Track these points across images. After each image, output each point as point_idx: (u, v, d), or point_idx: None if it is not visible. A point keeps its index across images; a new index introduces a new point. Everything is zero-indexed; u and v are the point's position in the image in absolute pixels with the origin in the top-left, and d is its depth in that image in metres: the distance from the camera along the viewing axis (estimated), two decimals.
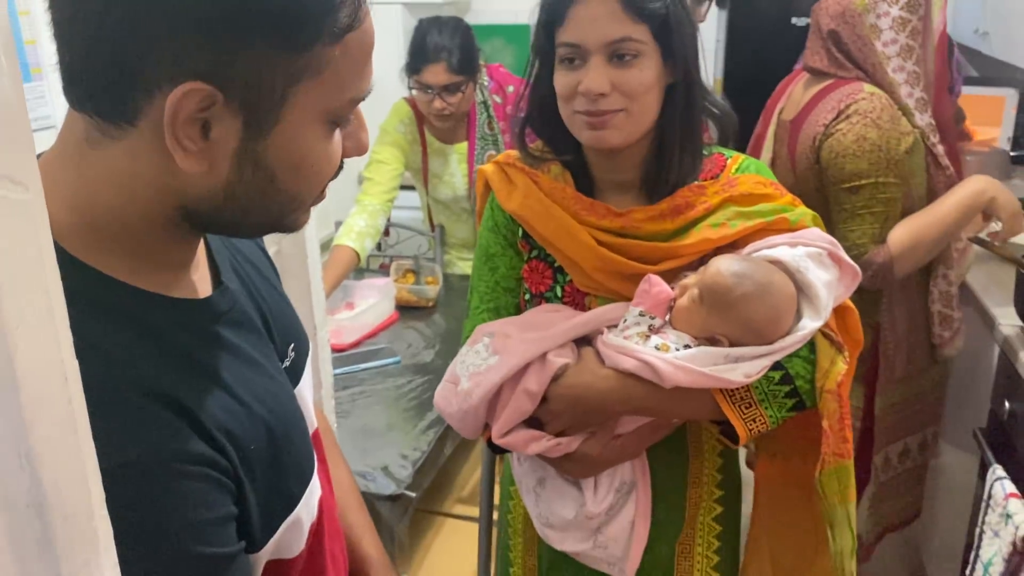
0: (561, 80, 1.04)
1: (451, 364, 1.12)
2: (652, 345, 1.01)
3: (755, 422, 1.00)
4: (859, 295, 1.57)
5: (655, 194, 1.10)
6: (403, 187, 3.09)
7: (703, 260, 1.07)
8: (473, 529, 1.61)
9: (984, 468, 1.58)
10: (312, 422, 0.79)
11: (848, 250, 1.44)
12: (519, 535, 1.29)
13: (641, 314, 1.03)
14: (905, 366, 1.75)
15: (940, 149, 1.60)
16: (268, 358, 0.69)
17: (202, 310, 0.63)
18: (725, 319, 0.99)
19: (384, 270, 2.54)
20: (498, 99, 2.35)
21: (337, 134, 0.61)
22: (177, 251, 0.62)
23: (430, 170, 2.38)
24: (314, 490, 0.71)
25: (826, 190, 1.54)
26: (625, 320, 1.04)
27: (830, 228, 1.50)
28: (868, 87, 1.52)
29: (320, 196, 0.63)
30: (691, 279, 1.03)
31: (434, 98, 2.15)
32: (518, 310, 1.18)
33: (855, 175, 1.48)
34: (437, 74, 2.13)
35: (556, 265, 1.14)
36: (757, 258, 1.02)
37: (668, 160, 1.08)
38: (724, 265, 1.00)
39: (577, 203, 1.10)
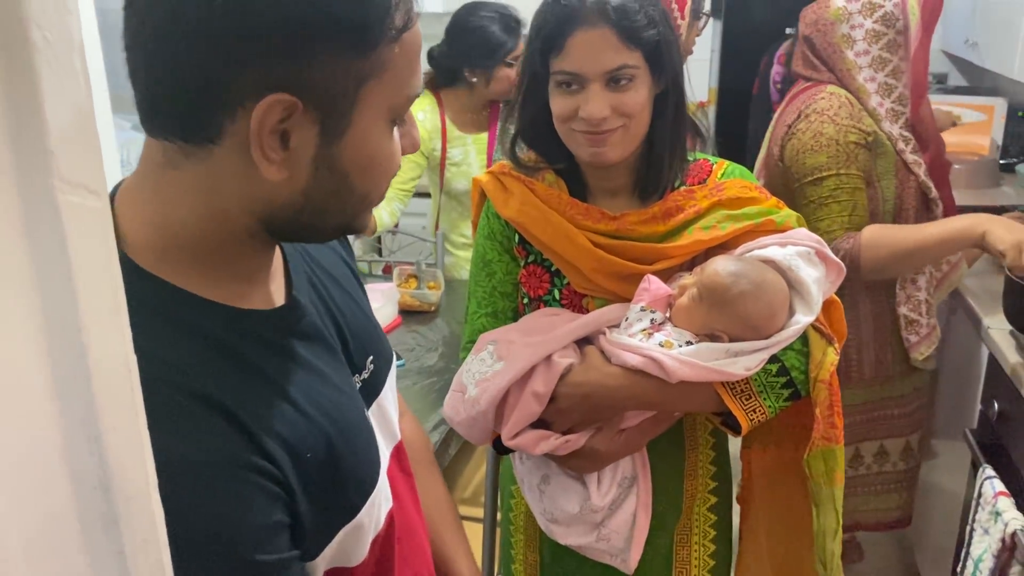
0: (560, 103, 1.08)
1: (457, 374, 1.16)
2: (656, 342, 1.06)
3: (755, 412, 1.05)
4: None
5: (646, 198, 1.16)
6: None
7: (695, 261, 1.14)
8: (477, 529, 1.65)
9: (974, 468, 1.63)
10: (394, 435, 0.80)
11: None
12: (520, 532, 1.33)
13: (643, 309, 1.08)
14: (874, 367, 1.76)
15: (911, 158, 1.64)
16: (337, 371, 0.70)
17: (271, 321, 0.65)
18: (724, 316, 1.04)
19: (387, 275, 2.57)
20: None
21: (395, 132, 0.64)
22: (251, 263, 0.65)
23: (448, 159, 2.43)
24: (380, 501, 0.72)
25: (791, 188, 1.60)
26: (627, 318, 1.09)
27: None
28: (831, 88, 1.60)
29: (380, 198, 0.66)
30: (689, 279, 1.09)
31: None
32: (516, 314, 1.23)
33: (816, 168, 1.54)
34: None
35: (553, 269, 1.18)
36: (751, 258, 1.08)
37: (659, 165, 1.14)
38: (721, 265, 1.06)
39: (572, 208, 1.15)
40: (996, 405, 1.66)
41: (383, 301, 2.02)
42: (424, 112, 2.37)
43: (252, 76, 0.55)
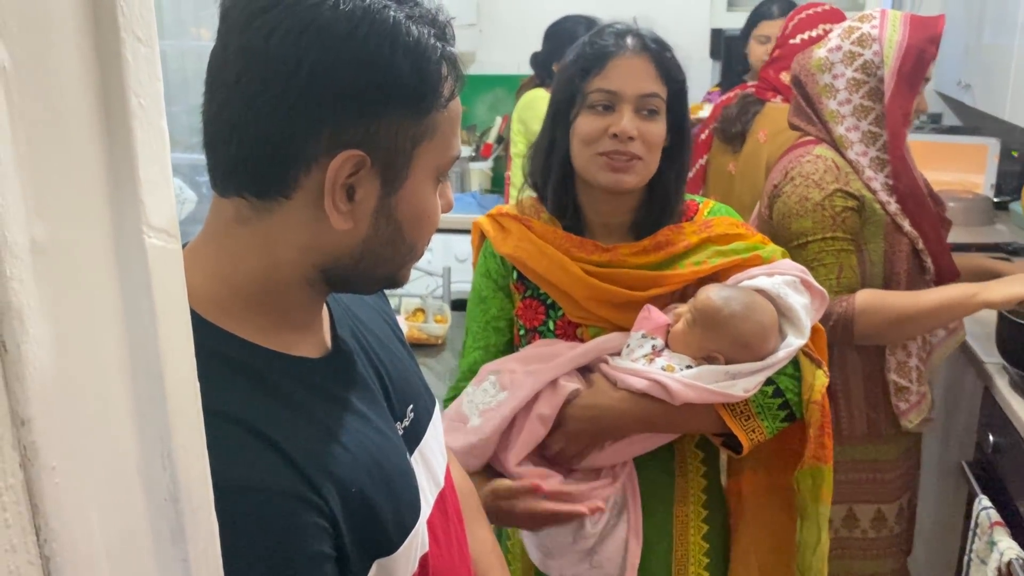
0: (590, 123, 1.14)
1: (454, 405, 1.20)
2: (659, 366, 1.12)
3: (754, 432, 1.12)
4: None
5: (642, 235, 1.22)
6: None
7: (686, 291, 1.20)
8: None
9: (971, 499, 1.66)
10: (438, 482, 0.83)
11: None
12: (517, 561, 1.35)
13: (644, 336, 1.15)
14: (866, 426, 1.70)
15: (895, 208, 1.59)
16: (381, 416, 0.75)
17: (319, 367, 0.71)
18: (718, 337, 1.11)
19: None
20: None
21: (438, 191, 0.71)
22: (303, 313, 0.71)
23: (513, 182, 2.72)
24: (417, 544, 0.75)
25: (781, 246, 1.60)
26: (628, 345, 1.16)
27: None
28: (817, 149, 1.58)
29: (422, 252, 0.73)
30: (683, 308, 1.15)
31: None
32: (509, 348, 1.28)
33: (800, 233, 1.54)
34: None
35: (548, 301, 1.24)
36: (741, 286, 1.15)
37: (663, 208, 1.21)
38: (712, 292, 1.13)
39: (568, 241, 1.21)
40: (991, 437, 1.70)
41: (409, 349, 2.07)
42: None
43: (328, 134, 0.62)
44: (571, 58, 1.18)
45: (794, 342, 1.13)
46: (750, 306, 1.12)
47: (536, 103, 2.83)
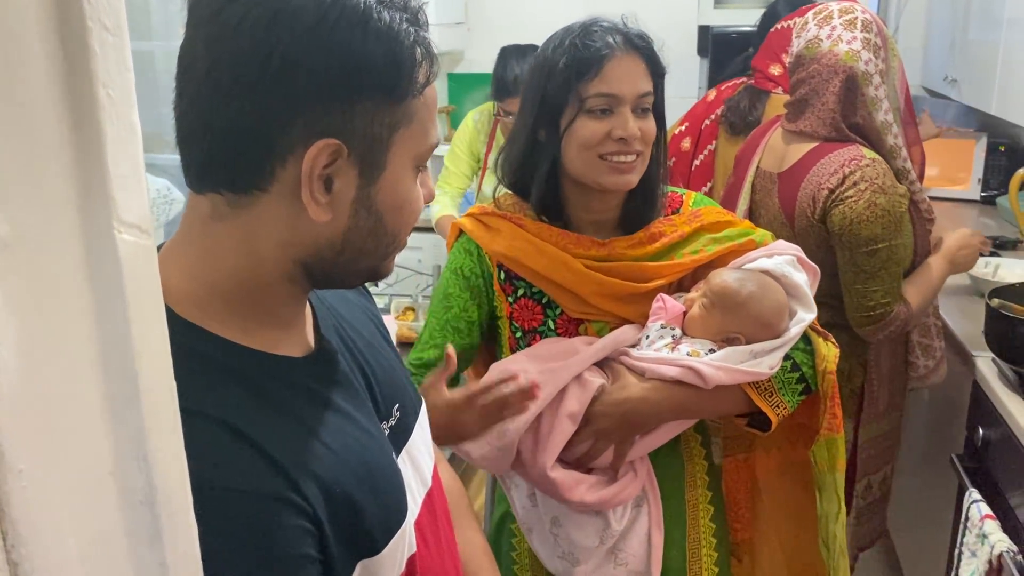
0: (591, 128, 1.13)
1: None
2: (683, 353, 1.13)
3: (779, 407, 1.14)
4: (852, 334, 1.65)
5: (630, 229, 1.22)
6: None
7: (683, 281, 1.22)
8: None
9: (961, 492, 1.66)
10: (425, 482, 0.82)
11: (873, 308, 1.56)
12: (527, 570, 1.34)
13: (663, 327, 1.15)
14: (888, 400, 1.83)
15: (922, 196, 1.69)
16: (366, 416, 0.74)
17: (301, 367, 0.69)
18: (738, 317, 1.13)
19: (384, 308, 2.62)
20: None
21: (418, 180, 0.70)
22: (285, 311, 0.69)
23: (489, 164, 2.68)
24: (403, 545, 0.74)
25: (837, 251, 1.61)
26: (647, 336, 1.16)
27: (841, 286, 1.60)
28: (868, 152, 1.58)
29: (404, 243, 0.71)
30: (695, 294, 1.17)
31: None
32: (470, 351, 1.25)
33: (871, 240, 1.55)
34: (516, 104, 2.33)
35: (544, 300, 1.22)
36: (748, 268, 1.18)
37: (650, 199, 1.22)
38: (725, 275, 1.15)
39: (564, 238, 1.20)
40: (981, 431, 1.70)
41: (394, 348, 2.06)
42: (480, 114, 2.69)
43: (302, 124, 0.61)
44: (560, 61, 1.14)
45: (805, 317, 1.16)
46: (765, 285, 1.15)
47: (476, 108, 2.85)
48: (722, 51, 3.41)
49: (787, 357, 1.16)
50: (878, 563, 2.42)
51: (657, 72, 1.16)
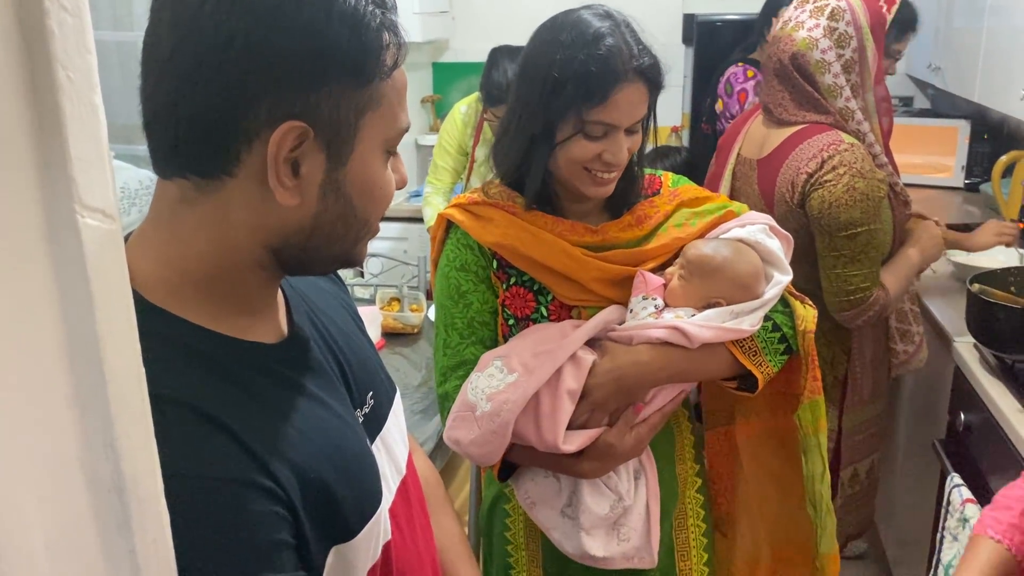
0: (585, 148, 1.15)
1: (459, 398, 1.17)
2: (668, 319, 1.15)
3: (763, 367, 1.17)
4: (834, 322, 1.67)
5: (616, 210, 1.26)
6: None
7: (669, 262, 1.24)
8: None
9: (943, 477, 1.67)
10: (400, 470, 0.82)
11: (852, 293, 1.58)
12: (521, 549, 1.34)
13: (644, 298, 1.17)
14: (872, 387, 1.84)
15: (901, 186, 1.71)
16: (340, 402, 0.73)
17: (274, 353, 0.69)
18: (717, 282, 1.16)
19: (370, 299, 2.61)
20: None
21: (389, 166, 0.69)
22: (257, 297, 0.69)
23: (476, 158, 2.70)
24: (378, 532, 0.73)
25: (817, 236, 1.62)
26: (631, 309, 1.19)
27: (822, 271, 1.61)
28: (847, 138, 1.59)
29: (377, 228, 0.71)
30: (673, 268, 1.20)
31: None
32: (496, 341, 1.26)
33: (850, 224, 1.56)
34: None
35: (536, 287, 1.22)
36: (721, 237, 1.22)
37: (632, 180, 1.25)
38: (699, 245, 1.20)
39: (558, 225, 1.21)
40: (963, 416, 1.71)
41: (366, 325, 2.05)
42: (468, 106, 2.68)
43: (268, 107, 0.60)
44: (568, 82, 1.12)
45: (782, 279, 1.20)
46: (738, 249, 1.19)
47: (463, 99, 2.85)
48: (707, 39, 3.41)
49: (767, 319, 1.19)
50: (862, 548, 2.44)
51: (655, 89, 1.17)
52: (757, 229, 1.22)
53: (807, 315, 1.21)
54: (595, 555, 1.20)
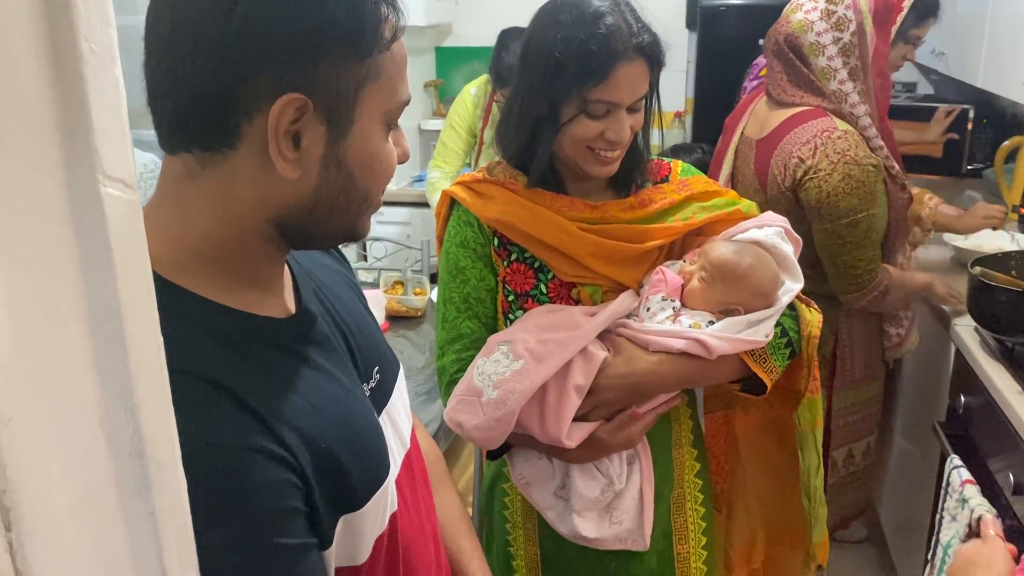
0: (588, 127, 1.15)
1: (464, 380, 1.17)
2: (686, 325, 1.15)
3: (772, 372, 1.18)
4: (821, 302, 1.69)
5: (620, 189, 1.26)
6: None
7: (673, 246, 1.25)
8: None
9: (943, 458, 1.69)
10: (404, 444, 0.83)
11: (859, 275, 1.61)
12: (519, 528, 1.36)
13: (663, 299, 1.17)
14: (863, 369, 1.85)
15: (897, 170, 1.71)
16: (347, 375, 0.74)
17: (283, 327, 0.70)
18: (738, 290, 1.16)
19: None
20: None
21: (391, 139, 0.70)
22: (264, 271, 0.70)
23: (485, 140, 2.71)
24: (385, 502, 0.74)
25: (815, 225, 1.64)
26: (648, 308, 1.18)
27: (827, 259, 1.63)
28: (840, 124, 1.61)
29: (379, 202, 0.71)
30: (692, 267, 1.19)
31: None
32: (495, 317, 1.26)
33: (851, 211, 1.58)
34: None
35: (536, 265, 1.23)
36: (740, 239, 1.21)
37: (637, 159, 1.25)
38: (722, 248, 1.18)
39: (558, 201, 1.22)
40: (963, 399, 1.72)
41: (371, 307, 2.06)
42: (478, 88, 2.67)
43: (267, 79, 0.61)
44: (569, 62, 1.12)
45: (793, 287, 1.21)
46: (761, 257, 1.19)
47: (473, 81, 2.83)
48: (711, 24, 3.40)
49: (776, 324, 1.20)
50: (862, 534, 2.46)
51: (657, 67, 1.17)
52: (774, 232, 1.22)
53: (813, 320, 1.22)
54: (587, 536, 1.21)
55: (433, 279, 2.55)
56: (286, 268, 0.75)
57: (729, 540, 1.41)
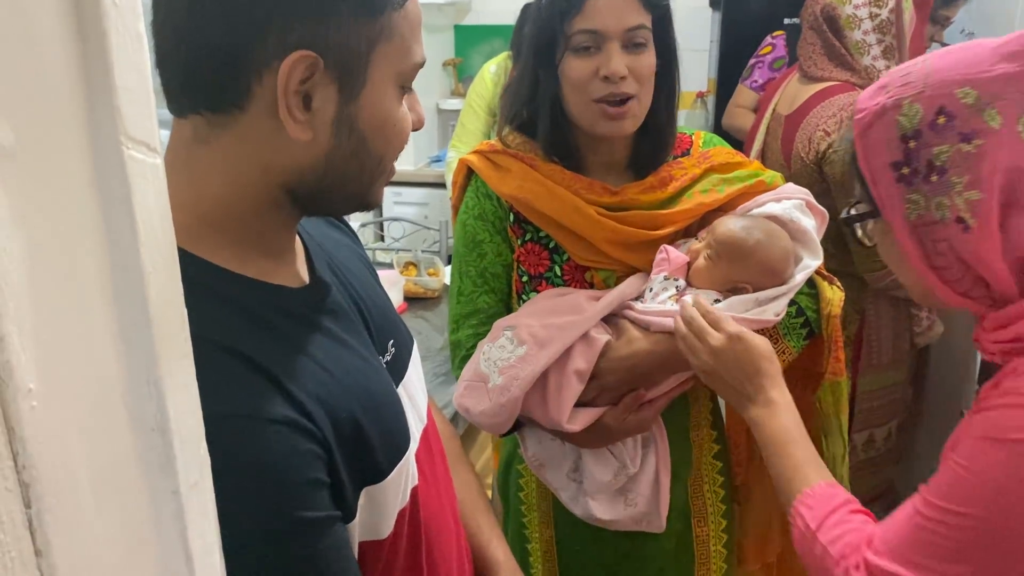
0: (578, 67, 1.10)
1: (469, 365, 1.16)
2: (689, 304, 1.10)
3: (784, 353, 1.13)
4: (847, 281, 1.66)
5: (640, 172, 1.20)
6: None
7: (690, 228, 1.19)
8: None
9: None
10: (422, 419, 0.81)
11: None
12: (534, 510, 1.34)
13: (666, 278, 1.12)
14: (890, 353, 1.83)
15: None
16: (364, 347, 0.73)
17: (298, 296, 0.68)
18: (746, 267, 1.11)
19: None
20: None
21: (404, 103, 0.67)
22: (276, 239, 0.68)
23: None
24: (407, 474, 0.73)
25: (840, 201, 1.61)
26: (651, 288, 1.13)
27: (852, 235, 1.60)
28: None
29: (392, 170, 0.69)
30: (699, 244, 1.14)
31: None
32: (510, 293, 1.24)
33: None
34: None
35: (551, 245, 1.20)
36: (753, 214, 1.15)
37: (659, 138, 1.18)
38: (730, 223, 1.12)
39: (577, 182, 1.17)
40: None
41: (388, 288, 2.05)
42: (498, 66, 2.60)
43: (276, 36, 0.59)
44: (545, 3, 1.10)
45: (811, 263, 1.14)
46: (771, 233, 1.13)
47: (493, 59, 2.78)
48: (735, 4, 3.34)
49: (791, 303, 1.15)
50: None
51: (654, 3, 1.10)
52: (793, 205, 1.16)
53: (834, 298, 1.16)
54: (601, 518, 1.20)
55: (450, 260, 2.53)
56: (298, 238, 0.73)
57: (743, 531, 1.38)
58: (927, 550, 0.75)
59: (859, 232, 0.87)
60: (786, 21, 2.77)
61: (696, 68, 3.50)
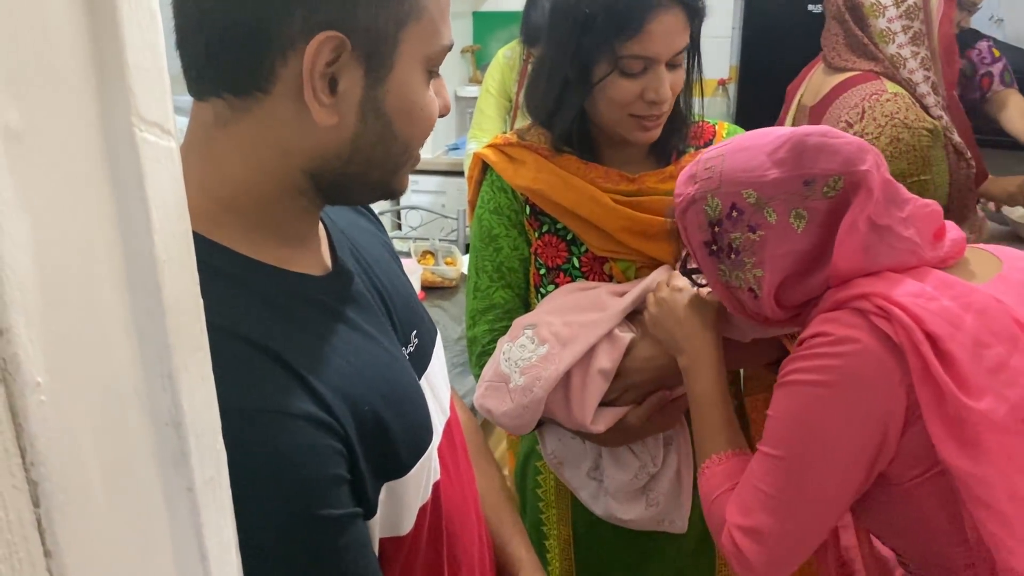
0: (624, 88, 1.07)
1: (490, 364, 1.14)
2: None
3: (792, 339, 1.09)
4: None
5: (661, 160, 1.18)
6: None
7: None
8: None
9: None
10: (445, 411, 0.80)
11: None
12: (552, 507, 1.33)
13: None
14: None
15: (959, 141, 1.64)
16: (387, 338, 0.71)
17: (320, 285, 0.66)
18: None
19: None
20: None
21: (431, 87, 0.65)
22: (299, 226, 0.66)
23: (521, 103, 2.59)
24: (429, 469, 0.71)
25: None
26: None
27: None
28: (891, 86, 1.55)
29: (417, 156, 0.67)
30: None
31: None
32: (527, 288, 1.22)
33: (899, 176, 1.51)
34: None
35: (569, 237, 1.18)
36: None
37: (680, 127, 1.16)
38: None
39: (592, 172, 1.15)
40: None
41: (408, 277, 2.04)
42: (511, 50, 2.59)
43: (302, 16, 0.56)
44: (599, 14, 1.05)
45: None
46: None
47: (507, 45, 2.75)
48: None
49: None
50: None
51: (696, 16, 1.09)
52: None
53: None
54: (622, 518, 1.18)
55: (467, 249, 2.52)
56: (321, 225, 0.72)
57: None
58: (760, 496, 0.88)
59: (697, 279, 1.04)
60: (810, 7, 2.73)
61: (717, 55, 3.45)
